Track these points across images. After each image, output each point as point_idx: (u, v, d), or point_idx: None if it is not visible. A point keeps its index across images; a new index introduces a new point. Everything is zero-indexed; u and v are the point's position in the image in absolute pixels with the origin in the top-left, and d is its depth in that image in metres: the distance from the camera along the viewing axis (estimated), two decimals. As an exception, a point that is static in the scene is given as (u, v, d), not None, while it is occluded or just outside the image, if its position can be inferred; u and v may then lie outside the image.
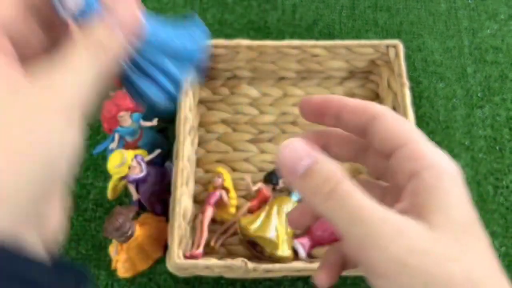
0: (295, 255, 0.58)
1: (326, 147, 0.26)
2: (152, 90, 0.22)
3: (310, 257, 0.60)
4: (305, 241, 0.59)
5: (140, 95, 0.22)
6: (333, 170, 0.21)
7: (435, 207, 0.20)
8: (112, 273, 0.60)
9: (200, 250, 0.57)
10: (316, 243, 0.60)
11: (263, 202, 0.62)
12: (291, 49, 0.64)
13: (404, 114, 0.59)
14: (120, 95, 0.57)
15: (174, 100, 0.23)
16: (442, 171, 0.22)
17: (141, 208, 0.61)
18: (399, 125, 0.23)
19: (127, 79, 0.22)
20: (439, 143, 0.68)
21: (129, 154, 0.56)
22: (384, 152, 0.24)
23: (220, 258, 0.57)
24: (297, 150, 0.22)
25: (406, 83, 0.61)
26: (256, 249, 0.59)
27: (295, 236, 0.60)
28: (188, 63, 0.23)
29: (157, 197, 0.60)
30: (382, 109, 0.24)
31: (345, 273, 0.60)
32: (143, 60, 0.21)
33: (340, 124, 0.26)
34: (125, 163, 0.55)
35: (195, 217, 0.61)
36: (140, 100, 0.22)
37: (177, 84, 0.22)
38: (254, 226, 0.58)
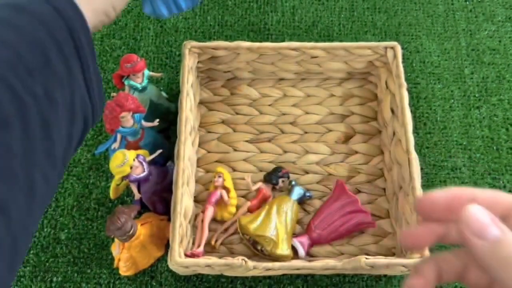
0: (295, 254, 0.59)
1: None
2: None
3: (309, 255, 0.61)
4: (304, 239, 0.60)
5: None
6: None
7: None
8: (114, 271, 0.61)
9: (201, 248, 0.58)
10: (315, 242, 0.60)
11: (263, 201, 0.63)
12: (291, 51, 0.64)
13: (402, 115, 0.60)
14: (122, 96, 0.57)
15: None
16: None
17: (143, 207, 0.62)
18: None
19: None
20: (437, 144, 0.69)
21: (131, 154, 0.56)
22: None
23: (221, 256, 0.57)
24: (485, 216, 0.22)
25: (404, 84, 0.62)
26: (256, 247, 0.59)
27: (295, 235, 0.61)
28: None
29: (158, 196, 0.60)
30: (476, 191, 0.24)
31: (343, 272, 0.60)
32: None
33: None
34: (126, 163, 0.55)
35: (196, 216, 0.62)
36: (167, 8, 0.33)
37: None
38: (254, 225, 0.58)
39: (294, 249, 0.59)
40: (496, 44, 0.76)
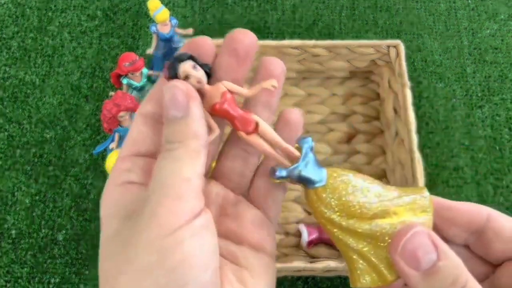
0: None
1: None
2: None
3: (311, 257, 0.60)
4: (313, 230, 0.59)
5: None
6: (460, 267, 0.19)
7: None
8: (112, 273, 0.60)
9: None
10: (322, 240, 0.59)
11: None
12: (292, 49, 0.64)
13: (405, 115, 0.59)
14: (120, 95, 0.56)
15: None
16: None
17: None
18: None
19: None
20: (439, 143, 0.68)
21: (129, 154, 0.55)
22: (495, 257, 0.22)
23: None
24: (424, 241, 0.19)
25: (407, 83, 0.61)
26: None
27: (305, 223, 0.61)
28: None
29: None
30: (493, 211, 0.22)
31: (345, 274, 0.60)
32: None
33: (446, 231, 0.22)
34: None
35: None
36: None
37: None
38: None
39: (298, 234, 0.59)
40: (498, 43, 0.75)
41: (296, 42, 0.63)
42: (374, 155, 0.66)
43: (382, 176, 0.65)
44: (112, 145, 0.59)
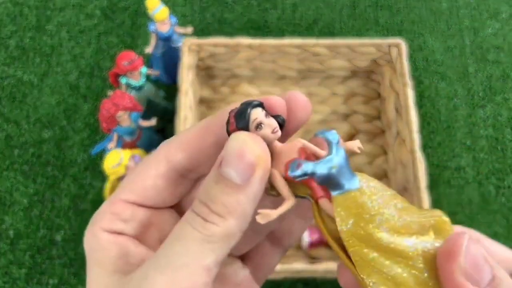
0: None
1: None
2: None
3: (312, 258, 0.60)
4: (315, 231, 0.59)
5: None
6: None
7: None
8: (111, 274, 0.60)
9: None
10: (323, 241, 0.59)
11: None
12: (292, 48, 0.63)
13: (407, 114, 0.59)
14: (118, 94, 0.56)
15: None
16: None
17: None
18: None
19: None
20: (440, 143, 0.68)
21: (126, 154, 0.55)
22: None
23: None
24: (479, 257, 0.15)
25: (409, 82, 0.60)
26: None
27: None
28: None
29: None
30: None
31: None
32: None
33: None
34: (121, 163, 0.54)
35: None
36: None
37: None
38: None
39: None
40: (500, 42, 0.75)
41: (297, 41, 0.63)
42: (375, 155, 0.65)
43: (383, 176, 0.64)
44: (111, 144, 0.59)
